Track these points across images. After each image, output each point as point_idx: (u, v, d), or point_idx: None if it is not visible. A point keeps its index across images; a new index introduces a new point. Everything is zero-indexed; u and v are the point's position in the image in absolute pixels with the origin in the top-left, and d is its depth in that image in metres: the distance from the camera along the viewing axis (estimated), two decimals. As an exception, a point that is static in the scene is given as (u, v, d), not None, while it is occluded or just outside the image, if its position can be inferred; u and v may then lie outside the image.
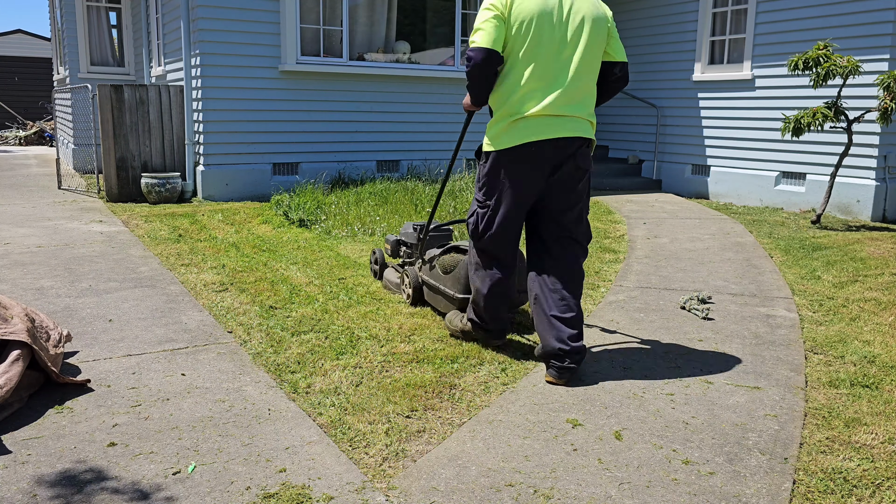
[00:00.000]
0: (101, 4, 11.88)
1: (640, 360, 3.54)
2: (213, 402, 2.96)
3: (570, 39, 3.17)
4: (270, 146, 8.47)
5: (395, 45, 9.23)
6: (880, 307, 4.44)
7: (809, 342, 3.84)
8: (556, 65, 3.17)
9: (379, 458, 2.54)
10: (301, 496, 2.27)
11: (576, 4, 3.19)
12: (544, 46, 3.15)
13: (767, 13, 8.48)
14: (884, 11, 7.33)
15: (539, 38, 3.15)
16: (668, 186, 10.06)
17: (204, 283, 4.72)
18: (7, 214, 7.25)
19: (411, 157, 9.36)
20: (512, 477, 2.42)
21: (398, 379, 3.21)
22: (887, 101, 6.78)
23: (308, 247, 5.88)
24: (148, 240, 6.08)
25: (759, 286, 4.96)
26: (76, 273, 4.96)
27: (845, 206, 7.84)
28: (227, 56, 8.06)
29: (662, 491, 2.35)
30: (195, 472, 2.41)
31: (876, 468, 2.51)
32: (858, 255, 5.78)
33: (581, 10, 3.19)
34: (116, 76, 11.88)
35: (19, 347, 2.93)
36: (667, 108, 9.98)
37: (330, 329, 3.85)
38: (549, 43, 3.15)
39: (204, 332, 3.82)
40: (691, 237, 6.69)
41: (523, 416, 2.88)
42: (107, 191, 8.31)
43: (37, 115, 21.05)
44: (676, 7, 9.72)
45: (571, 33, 3.17)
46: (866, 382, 3.27)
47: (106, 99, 8.07)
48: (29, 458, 2.49)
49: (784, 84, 8.35)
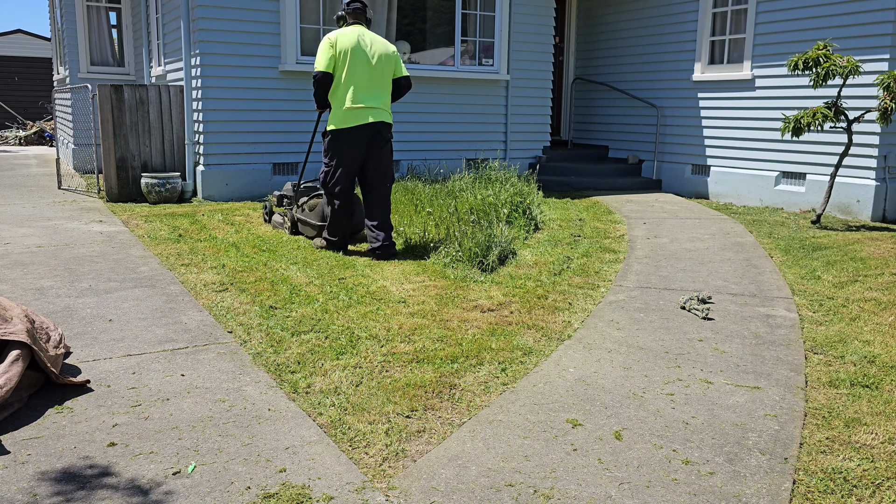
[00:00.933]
0: (101, 4, 11.88)
1: (640, 360, 3.54)
2: (213, 402, 2.96)
3: (375, 63, 5.45)
4: (270, 146, 8.47)
5: (395, 45, 9.23)
6: (880, 307, 4.44)
7: (809, 342, 3.84)
8: (365, 78, 5.41)
9: (379, 458, 2.54)
10: (301, 496, 2.27)
11: (374, 44, 5.47)
12: (358, 67, 5.39)
13: (767, 13, 8.48)
14: (884, 11, 7.33)
15: (354, 62, 5.38)
16: (668, 186, 10.06)
17: (204, 283, 4.72)
18: (7, 214, 7.25)
19: (411, 157, 9.36)
20: (512, 477, 2.42)
21: (398, 379, 3.21)
22: (887, 101, 6.78)
23: (308, 247, 5.88)
24: (148, 240, 6.08)
25: (759, 286, 4.96)
26: (76, 273, 4.96)
27: (845, 206, 7.84)
28: (227, 56, 8.06)
29: (662, 491, 2.35)
30: (195, 471, 2.41)
31: (876, 468, 2.51)
32: (858, 255, 5.78)
33: (377, 48, 5.47)
34: (116, 76, 11.88)
35: (19, 347, 2.93)
36: (667, 108, 9.98)
37: (330, 329, 3.85)
38: (361, 65, 5.39)
39: (204, 332, 3.82)
40: (691, 237, 6.69)
41: (523, 416, 2.88)
42: (107, 191, 8.31)
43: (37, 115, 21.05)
44: (676, 7, 9.72)
45: (375, 60, 5.45)
46: (866, 382, 3.27)
47: (106, 99, 8.07)
48: (29, 457, 2.49)
49: (784, 84, 8.35)
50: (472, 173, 8.37)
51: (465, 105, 9.59)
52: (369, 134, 5.45)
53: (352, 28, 5.48)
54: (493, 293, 4.61)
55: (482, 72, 9.62)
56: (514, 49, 9.77)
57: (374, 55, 5.44)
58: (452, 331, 3.87)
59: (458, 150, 9.65)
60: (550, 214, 7.65)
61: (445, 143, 9.55)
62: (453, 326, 3.94)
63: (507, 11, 9.59)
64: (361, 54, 5.38)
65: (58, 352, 3.18)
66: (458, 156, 9.64)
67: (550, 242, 6.21)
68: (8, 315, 3.09)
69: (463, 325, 3.97)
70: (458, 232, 5.79)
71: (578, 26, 11.47)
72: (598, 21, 11.09)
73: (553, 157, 10.47)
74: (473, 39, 9.64)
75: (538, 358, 3.54)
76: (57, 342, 3.25)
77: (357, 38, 5.41)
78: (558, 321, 4.12)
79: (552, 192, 9.50)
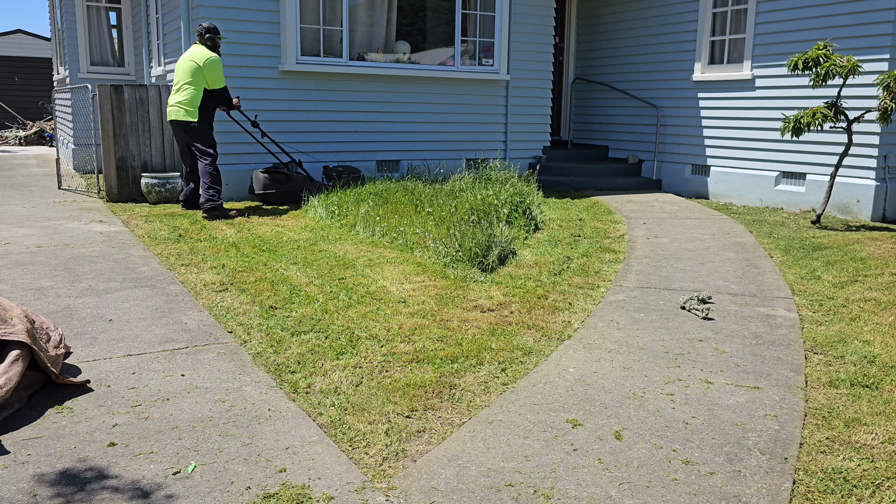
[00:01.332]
0: (101, 4, 11.87)
1: (640, 360, 3.54)
2: (213, 402, 2.96)
3: (180, 75, 7.15)
4: (270, 146, 8.46)
5: (394, 45, 9.23)
6: (880, 307, 4.44)
7: (809, 342, 3.84)
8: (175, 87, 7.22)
9: (379, 458, 2.54)
10: (301, 496, 2.27)
11: (184, 61, 7.15)
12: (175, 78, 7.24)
13: (767, 13, 8.48)
14: (884, 11, 7.33)
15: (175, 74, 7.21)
16: (667, 186, 10.06)
17: (204, 283, 4.72)
18: (7, 214, 7.25)
19: (411, 157, 9.36)
20: (512, 477, 2.42)
21: (398, 379, 3.21)
22: (887, 101, 6.78)
23: (308, 247, 5.88)
24: (148, 240, 6.08)
25: (759, 286, 4.96)
26: (76, 273, 4.96)
27: (845, 205, 7.84)
28: (226, 56, 8.05)
29: (662, 491, 2.35)
30: (195, 471, 2.41)
31: (876, 468, 2.51)
32: (858, 255, 5.78)
33: (183, 63, 7.14)
34: (116, 76, 11.87)
35: (19, 348, 2.93)
36: (667, 108, 9.98)
37: (330, 329, 3.85)
38: (175, 76, 7.20)
39: (204, 332, 3.82)
40: (691, 237, 6.69)
41: (523, 416, 2.88)
42: (107, 191, 8.31)
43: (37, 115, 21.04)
44: (676, 7, 9.72)
45: (181, 72, 7.15)
46: (866, 382, 3.27)
47: (106, 99, 8.07)
48: (29, 457, 2.49)
49: (784, 84, 8.35)
50: (472, 173, 8.36)
51: (465, 105, 9.59)
52: (176, 125, 7.33)
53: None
54: (493, 293, 4.61)
55: (482, 72, 9.62)
56: (514, 49, 9.76)
57: (181, 68, 7.23)
58: (452, 331, 3.87)
59: (458, 150, 9.65)
60: (550, 214, 7.65)
61: (445, 143, 9.54)
62: (453, 326, 3.94)
63: (507, 11, 9.59)
64: (178, 66, 7.24)
65: (58, 352, 3.18)
66: (458, 156, 9.64)
67: (550, 242, 6.21)
68: (8, 315, 3.09)
69: (463, 325, 3.97)
70: (458, 232, 5.79)
71: (578, 26, 11.47)
72: (598, 21, 11.08)
73: (553, 158, 10.47)
74: (473, 39, 9.64)
75: (538, 358, 3.54)
76: (57, 342, 3.25)
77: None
78: (558, 321, 4.12)
79: (552, 192, 9.50)
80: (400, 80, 9.10)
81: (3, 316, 3.05)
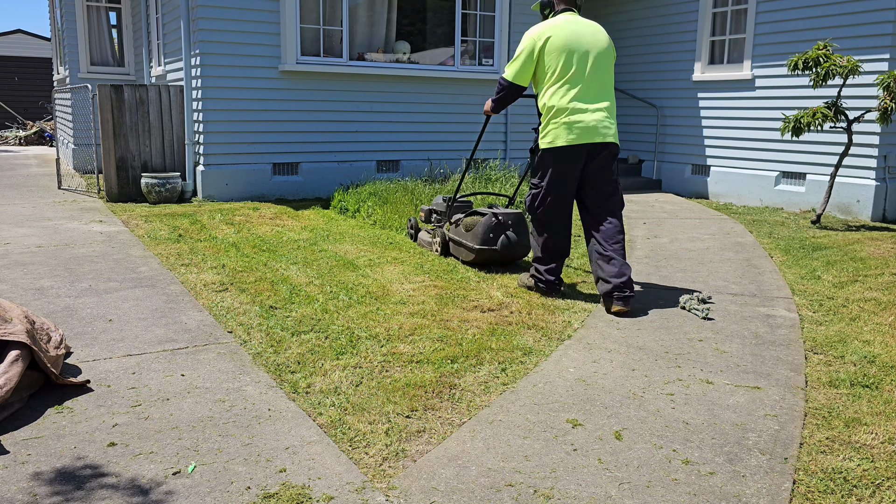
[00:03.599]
0: (101, 4, 11.88)
1: (640, 359, 3.54)
2: (213, 402, 2.96)
3: (602, 66, 4.47)
4: (270, 146, 8.47)
5: (395, 45, 9.23)
6: (880, 307, 4.44)
7: (809, 342, 3.84)
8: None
9: (379, 458, 2.54)
10: (301, 496, 2.27)
11: (589, 41, 4.44)
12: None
13: (767, 13, 8.48)
14: (884, 11, 7.33)
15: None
16: (667, 186, 10.06)
17: (204, 283, 4.72)
18: (7, 214, 7.25)
19: (411, 157, 9.36)
20: (512, 477, 2.42)
21: (398, 379, 3.21)
22: (887, 101, 6.78)
23: (308, 246, 5.88)
24: (148, 240, 6.08)
25: (759, 286, 4.96)
26: (76, 273, 4.96)
27: (845, 205, 7.84)
28: (227, 56, 8.06)
29: (662, 491, 2.35)
30: (195, 471, 2.41)
31: (876, 468, 2.51)
32: (858, 255, 5.78)
33: (592, 43, 4.43)
34: (116, 76, 11.87)
35: (18, 348, 2.93)
36: (667, 108, 9.98)
37: (330, 329, 3.85)
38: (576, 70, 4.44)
39: (204, 332, 3.82)
40: (691, 237, 6.69)
41: (523, 416, 2.88)
42: (107, 191, 8.31)
43: (37, 115, 21.04)
44: (676, 7, 9.71)
45: (602, 63, 4.47)
46: (866, 382, 3.27)
47: (106, 99, 8.07)
48: (29, 457, 2.49)
49: (784, 84, 8.35)
50: (472, 173, 8.37)
51: (466, 105, 9.59)
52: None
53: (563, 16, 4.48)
54: (493, 293, 4.61)
55: (482, 72, 9.62)
56: (515, 49, 9.77)
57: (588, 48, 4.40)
58: (452, 331, 3.87)
59: (458, 150, 9.65)
60: (550, 214, 7.64)
61: (446, 143, 9.55)
62: (453, 326, 3.94)
63: (507, 11, 9.59)
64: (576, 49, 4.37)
65: (58, 352, 3.18)
66: (458, 156, 9.64)
67: (550, 242, 6.21)
68: (8, 316, 3.09)
69: (463, 325, 3.97)
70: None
71: (578, 26, 11.46)
72: (598, 21, 11.08)
73: (553, 157, 10.46)
74: (473, 39, 9.64)
75: (538, 358, 3.54)
76: (58, 343, 3.25)
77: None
78: (558, 321, 4.12)
79: (552, 192, 9.49)
80: (400, 80, 9.10)
81: (3, 316, 3.05)
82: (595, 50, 4.36)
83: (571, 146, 4.33)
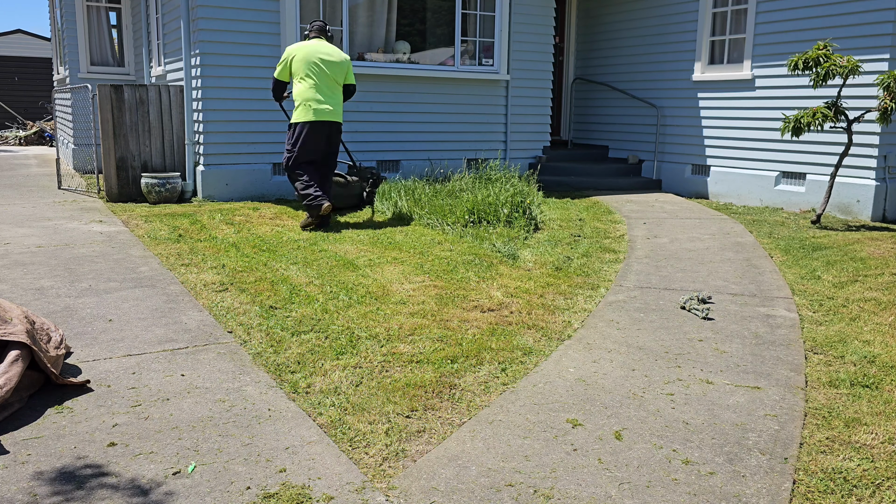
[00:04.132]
0: (101, 4, 11.87)
1: (640, 359, 3.54)
2: (213, 402, 2.96)
3: (334, 74, 6.78)
4: (270, 146, 8.47)
5: (394, 45, 9.23)
6: (880, 307, 4.44)
7: (809, 342, 3.84)
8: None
9: (379, 458, 2.54)
10: (301, 496, 2.27)
11: (326, 57, 6.77)
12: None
13: (767, 13, 8.48)
14: (884, 11, 7.33)
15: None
16: (667, 186, 10.06)
17: (204, 283, 4.72)
18: (7, 214, 7.25)
19: (411, 156, 9.36)
20: (512, 477, 2.42)
21: (398, 379, 3.21)
22: (887, 101, 6.78)
23: (308, 246, 5.88)
24: (148, 240, 6.08)
25: (759, 286, 4.96)
26: (76, 273, 4.96)
27: (845, 205, 7.84)
28: (227, 56, 8.05)
29: (662, 491, 2.35)
30: (195, 471, 2.41)
31: (876, 468, 2.51)
32: (858, 255, 5.78)
33: (328, 59, 6.81)
34: (116, 76, 11.87)
35: (18, 348, 2.93)
36: (667, 108, 9.98)
37: (330, 329, 3.85)
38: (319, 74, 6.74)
39: (204, 332, 3.82)
40: (691, 237, 6.69)
41: (523, 416, 2.88)
42: (107, 191, 8.31)
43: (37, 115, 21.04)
44: (676, 7, 9.71)
45: (336, 71, 6.82)
46: (866, 382, 3.27)
47: (106, 99, 8.07)
48: (29, 457, 2.49)
49: (784, 84, 8.35)
50: (472, 173, 8.37)
51: (466, 105, 9.59)
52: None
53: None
54: (494, 293, 4.61)
55: (482, 72, 9.62)
56: (514, 49, 9.76)
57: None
58: (452, 331, 3.87)
59: (459, 150, 9.65)
60: (550, 214, 7.65)
61: (445, 143, 9.54)
62: (453, 326, 3.94)
63: (507, 11, 9.59)
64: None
65: (58, 352, 3.18)
66: (458, 156, 9.64)
67: (550, 242, 6.21)
68: (8, 316, 3.09)
69: (463, 325, 3.97)
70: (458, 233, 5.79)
71: (578, 26, 11.47)
72: (598, 21, 11.08)
73: (553, 157, 10.47)
74: (473, 39, 9.64)
75: (538, 358, 3.54)
76: (58, 343, 3.25)
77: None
78: (558, 321, 4.12)
79: (552, 192, 9.50)
80: (400, 80, 9.10)
81: (3, 317, 3.05)
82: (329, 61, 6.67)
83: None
